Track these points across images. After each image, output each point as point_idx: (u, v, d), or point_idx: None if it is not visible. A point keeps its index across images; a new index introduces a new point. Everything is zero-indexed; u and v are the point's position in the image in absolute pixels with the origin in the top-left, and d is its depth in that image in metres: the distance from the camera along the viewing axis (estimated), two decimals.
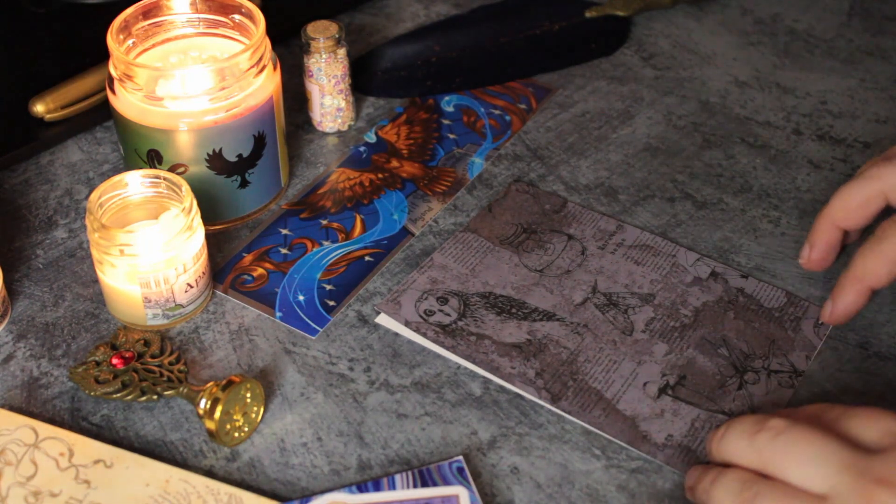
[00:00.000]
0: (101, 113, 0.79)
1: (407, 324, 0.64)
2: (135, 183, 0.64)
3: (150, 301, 0.63)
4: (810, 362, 0.63)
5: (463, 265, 0.68)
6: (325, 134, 0.80)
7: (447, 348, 0.63)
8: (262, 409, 0.60)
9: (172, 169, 0.67)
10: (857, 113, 0.81)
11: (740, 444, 0.52)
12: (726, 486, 0.51)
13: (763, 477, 0.50)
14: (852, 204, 0.63)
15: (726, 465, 0.53)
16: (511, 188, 0.74)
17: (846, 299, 0.62)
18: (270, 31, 0.69)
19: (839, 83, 0.84)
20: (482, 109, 0.81)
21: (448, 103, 0.82)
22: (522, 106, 0.82)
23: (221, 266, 0.69)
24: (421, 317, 0.65)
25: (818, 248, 0.66)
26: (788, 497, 0.49)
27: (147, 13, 0.70)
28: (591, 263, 0.69)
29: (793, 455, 0.50)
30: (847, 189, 0.63)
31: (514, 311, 0.66)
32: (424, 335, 0.64)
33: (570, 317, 0.65)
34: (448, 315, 0.65)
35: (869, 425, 0.50)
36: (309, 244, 0.70)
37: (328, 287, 0.67)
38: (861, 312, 0.65)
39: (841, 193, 0.64)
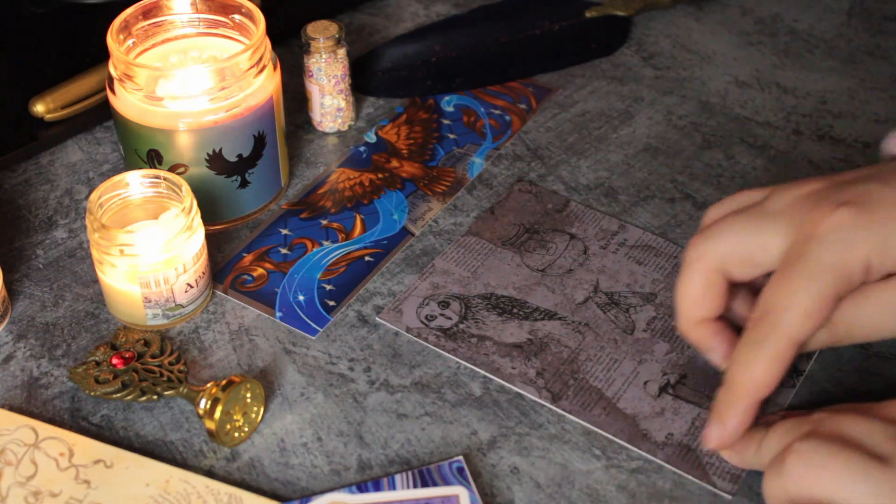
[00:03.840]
0: (101, 113, 0.79)
1: (408, 330, 0.64)
2: (135, 183, 0.64)
3: (150, 301, 0.63)
4: (811, 362, 0.63)
5: (465, 268, 0.68)
6: (325, 134, 0.80)
7: (448, 352, 0.63)
8: (262, 409, 0.60)
9: (172, 169, 0.67)
10: (857, 113, 0.81)
11: (784, 440, 0.52)
12: (779, 429, 0.52)
13: None
14: (696, 296, 0.57)
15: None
16: (514, 188, 0.74)
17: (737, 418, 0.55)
18: (270, 31, 0.69)
19: (839, 83, 0.84)
20: (482, 109, 0.81)
21: (448, 103, 0.82)
22: (522, 106, 0.82)
23: (221, 266, 0.69)
24: (422, 322, 0.65)
25: (718, 352, 0.58)
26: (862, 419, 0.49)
27: (147, 13, 0.70)
28: (593, 263, 0.69)
29: (843, 430, 0.50)
30: (682, 285, 0.57)
31: (515, 311, 0.66)
32: (426, 340, 0.64)
33: (572, 316, 0.65)
34: (449, 318, 0.65)
35: None
36: (309, 244, 0.70)
37: (328, 287, 0.67)
38: None
39: (679, 293, 0.57)
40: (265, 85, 0.68)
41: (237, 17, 0.70)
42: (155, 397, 0.60)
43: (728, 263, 0.56)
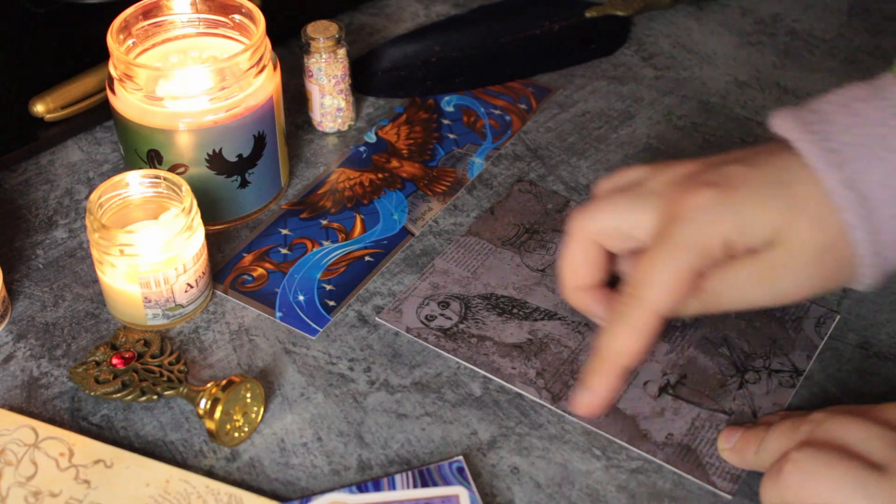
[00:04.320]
0: (101, 113, 0.78)
1: (408, 330, 0.64)
2: (135, 183, 0.64)
3: (150, 301, 0.63)
4: (811, 362, 0.63)
5: (464, 268, 0.68)
6: (325, 134, 0.80)
7: (448, 352, 0.63)
8: (262, 409, 0.60)
9: (172, 169, 0.67)
10: None
11: (783, 443, 0.53)
12: (778, 430, 0.53)
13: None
14: (576, 266, 0.60)
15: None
16: (514, 188, 0.74)
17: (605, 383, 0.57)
18: (270, 31, 0.69)
19: (839, 83, 0.83)
20: (482, 109, 0.81)
21: (448, 103, 0.82)
22: (522, 106, 0.82)
23: (221, 266, 0.69)
24: (422, 322, 0.65)
25: (601, 316, 0.61)
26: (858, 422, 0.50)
27: (147, 13, 0.70)
28: None
29: (840, 436, 0.50)
30: (563, 255, 0.60)
31: (515, 311, 0.66)
32: (426, 340, 0.64)
33: (572, 315, 0.65)
34: (449, 319, 0.65)
35: None
36: (309, 244, 0.70)
37: (328, 287, 0.67)
38: (861, 313, 0.65)
39: (561, 262, 0.61)
40: (265, 85, 0.68)
41: (237, 17, 0.70)
42: (155, 397, 0.60)
43: (604, 237, 0.59)
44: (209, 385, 0.58)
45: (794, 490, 0.50)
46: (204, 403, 0.57)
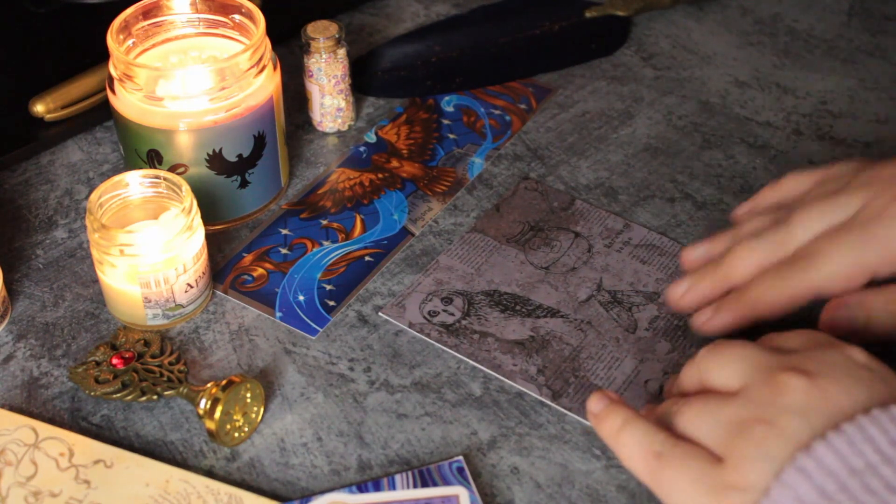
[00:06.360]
0: (101, 113, 0.78)
1: (410, 325, 0.64)
2: (135, 183, 0.64)
3: (150, 301, 0.63)
4: None
5: (468, 265, 0.68)
6: (325, 134, 0.80)
7: (450, 347, 0.63)
8: (262, 409, 0.60)
9: (172, 169, 0.67)
10: (857, 113, 0.81)
11: (688, 369, 0.54)
12: (661, 411, 0.53)
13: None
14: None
15: None
16: (520, 186, 0.74)
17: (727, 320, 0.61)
18: (270, 31, 0.69)
19: (839, 83, 0.84)
20: (482, 109, 0.81)
21: (448, 103, 0.82)
22: (522, 106, 0.82)
23: (221, 266, 0.69)
24: (425, 318, 0.65)
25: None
26: (707, 399, 0.50)
27: (147, 13, 0.70)
28: (597, 261, 0.69)
29: (718, 360, 0.52)
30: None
31: (518, 308, 0.65)
32: (428, 335, 0.64)
33: (574, 313, 0.65)
34: (452, 314, 0.65)
35: (794, 337, 0.52)
36: (309, 244, 0.70)
37: (328, 287, 0.67)
38: None
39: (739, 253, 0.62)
40: (265, 85, 0.68)
41: (237, 17, 0.70)
42: (155, 397, 0.60)
43: None
44: (209, 385, 0.58)
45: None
46: (204, 403, 0.57)
